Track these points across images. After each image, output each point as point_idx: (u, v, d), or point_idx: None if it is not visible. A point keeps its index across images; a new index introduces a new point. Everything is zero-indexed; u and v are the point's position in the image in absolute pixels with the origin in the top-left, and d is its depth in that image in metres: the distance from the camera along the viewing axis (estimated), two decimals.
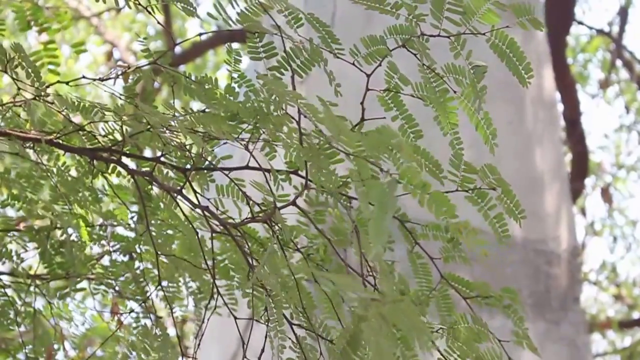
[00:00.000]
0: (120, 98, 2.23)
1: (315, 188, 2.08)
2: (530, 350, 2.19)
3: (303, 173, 2.10)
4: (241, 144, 2.09)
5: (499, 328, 2.33)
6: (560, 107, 7.78)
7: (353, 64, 2.07)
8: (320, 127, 1.95)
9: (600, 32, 9.24)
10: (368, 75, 2.09)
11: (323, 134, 1.96)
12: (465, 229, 2.06)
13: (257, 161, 2.11)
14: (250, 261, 2.17)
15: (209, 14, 2.09)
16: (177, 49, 8.06)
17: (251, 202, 2.19)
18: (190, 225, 2.28)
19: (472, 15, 2.00)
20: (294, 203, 2.09)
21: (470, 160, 2.13)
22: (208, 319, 2.37)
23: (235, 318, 2.35)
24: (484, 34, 2.04)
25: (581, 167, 8.11)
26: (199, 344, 2.33)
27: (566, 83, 7.63)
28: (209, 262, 2.31)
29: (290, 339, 2.18)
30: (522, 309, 2.17)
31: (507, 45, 2.05)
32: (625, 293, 9.79)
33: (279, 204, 2.13)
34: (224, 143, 2.15)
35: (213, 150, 2.23)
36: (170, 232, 2.41)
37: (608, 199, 9.65)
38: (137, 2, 2.18)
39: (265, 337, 2.19)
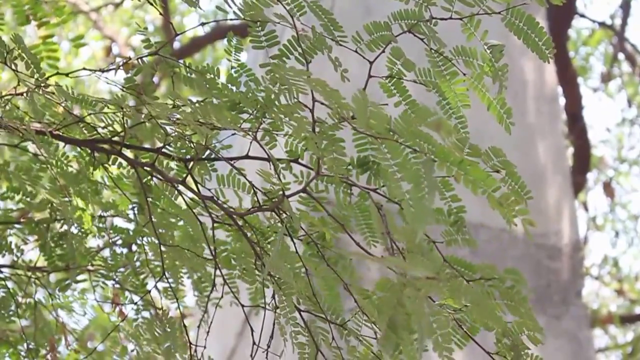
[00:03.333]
0: (121, 89, 2.22)
1: (319, 178, 2.06)
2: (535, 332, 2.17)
3: (303, 161, 2.09)
4: (246, 132, 2.08)
5: None
6: (562, 100, 7.76)
7: (355, 51, 2.06)
8: (335, 112, 1.93)
9: (602, 25, 9.22)
10: (371, 63, 2.08)
11: (340, 118, 1.94)
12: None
13: (263, 147, 2.10)
14: (258, 250, 2.17)
15: (217, 7, 2.08)
16: (176, 44, 8.06)
17: (255, 190, 2.19)
18: (193, 215, 2.28)
19: None
20: (304, 190, 2.08)
21: None
22: (215, 308, 2.36)
23: (242, 306, 2.34)
24: (499, 12, 2.01)
25: (583, 161, 8.09)
26: (208, 331, 2.33)
27: (568, 77, 7.61)
28: (211, 251, 2.31)
29: (299, 324, 2.18)
30: (526, 289, 2.15)
31: (524, 22, 2.02)
32: (627, 288, 9.78)
33: (285, 192, 2.12)
34: (233, 133, 2.14)
35: (219, 141, 2.22)
36: (172, 220, 2.41)
37: (610, 193, 9.63)
38: None
39: (273, 325, 2.19)
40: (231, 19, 2.06)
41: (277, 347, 2.23)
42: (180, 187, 2.25)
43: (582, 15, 9.12)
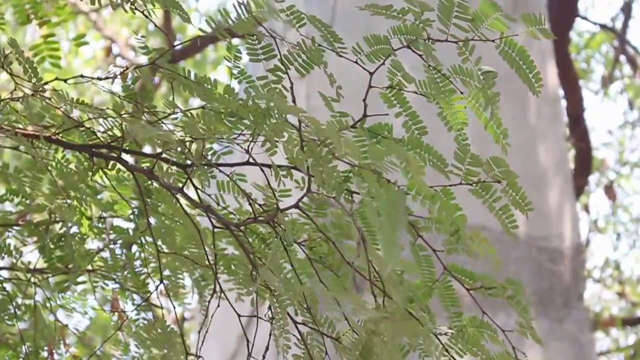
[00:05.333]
0: (118, 98, 2.21)
1: (315, 192, 2.06)
2: (534, 341, 2.18)
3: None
4: (241, 141, 2.08)
5: (501, 325, 2.32)
6: (564, 103, 7.76)
7: (356, 62, 2.06)
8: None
9: (603, 27, 9.21)
10: (371, 74, 2.09)
11: (324, 142, 1.97)
12: (476, 237, 2.05)
13: (255, 160, 2.10)
14: (253, 259, 2.16)
15: (207, 19, 2.08)
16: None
17: (252, 200, 2.18)
18: (192, 221, 2.27)
19: (480, 22, 2.00)
20: (297, 206, 2.09)
21: None
22: (212, 314, 2.35)
23: (239, 315, 2.34)
24: (493, 40, 2.04)
25: (584, 163, 8.08)
26: (207, 330, 2.32)
27: (569, 79, 7.61)
28: (212, 255, 2.30)
29: (295, 336, 2.17)
30: (525, 299, 2.16)
31: (516, 53, 2.05)
32: (629, 290, 9.77)
33: (281, 202, 2.12)
34: (235, 138, 2.14)
35: (218, 150, 2.21)
36: (174, 221, 2.40)
37: (612, 195, 9.63)
38: (133, 6, 2.18)
39: (270, 336, 2.19)
40: (228, 27, 2.05)
41: (275, 357, 2.23)
42: (180, 194, 2.24)
43: (584, 18, 9.12)
